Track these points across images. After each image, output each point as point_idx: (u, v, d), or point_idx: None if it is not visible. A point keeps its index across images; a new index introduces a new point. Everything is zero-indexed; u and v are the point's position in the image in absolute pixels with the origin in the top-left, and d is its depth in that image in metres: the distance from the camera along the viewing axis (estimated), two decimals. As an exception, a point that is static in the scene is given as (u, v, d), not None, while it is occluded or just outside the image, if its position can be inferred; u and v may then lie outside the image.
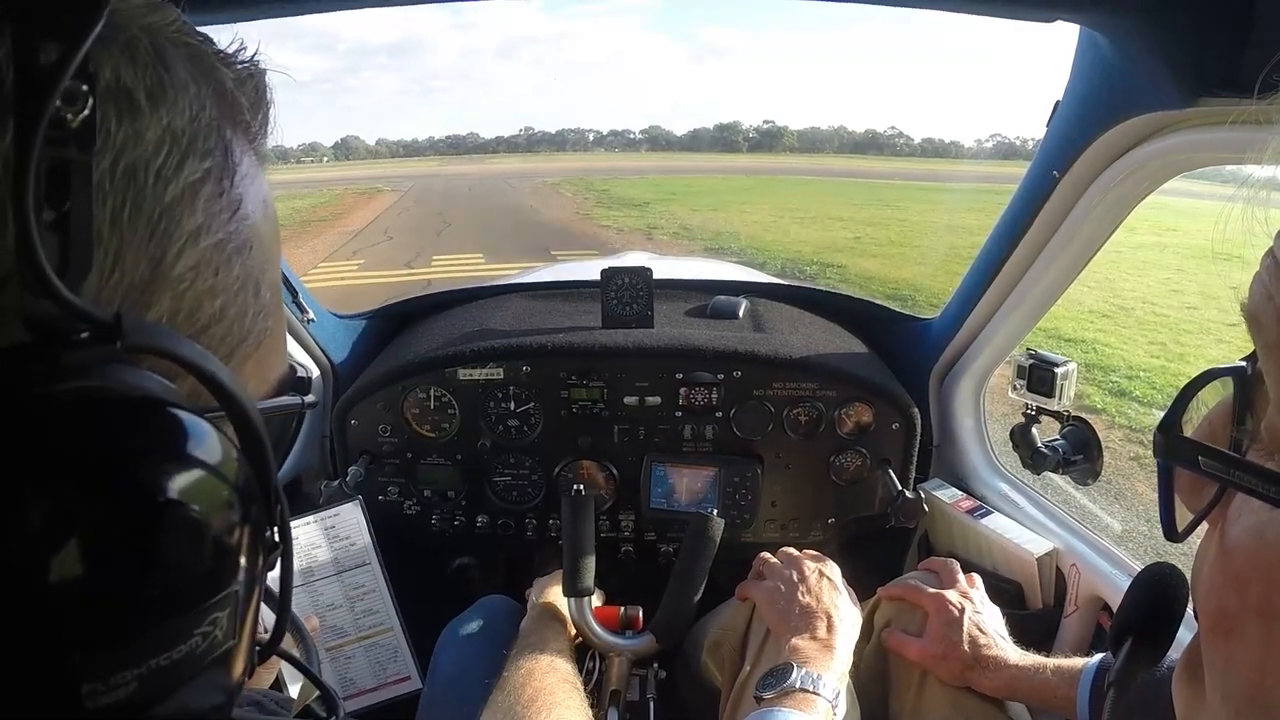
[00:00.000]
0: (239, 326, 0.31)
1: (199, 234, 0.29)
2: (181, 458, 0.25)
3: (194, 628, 0.26)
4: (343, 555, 1.17)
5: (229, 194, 0.30)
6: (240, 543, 0.27)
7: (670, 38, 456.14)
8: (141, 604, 0.24)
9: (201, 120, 0.29)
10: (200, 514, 0.25)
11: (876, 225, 14.72)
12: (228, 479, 0.27)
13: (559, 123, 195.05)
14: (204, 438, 0.26)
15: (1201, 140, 0.81)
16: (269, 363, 0.35)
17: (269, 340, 0.34)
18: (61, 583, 0.22)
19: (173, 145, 0.28)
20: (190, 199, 0.28)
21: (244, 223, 0.31)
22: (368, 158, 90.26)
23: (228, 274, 0.30)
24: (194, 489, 0.25)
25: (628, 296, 1.43)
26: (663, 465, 1.38)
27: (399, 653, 1.15)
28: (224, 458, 0.27)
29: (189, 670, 0.26)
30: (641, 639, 1.07)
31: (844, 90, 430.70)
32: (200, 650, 0.26)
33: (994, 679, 0.92)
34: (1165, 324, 7.09)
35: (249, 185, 0.32)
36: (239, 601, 0.28)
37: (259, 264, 0.32)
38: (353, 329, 1.58)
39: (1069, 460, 1.18)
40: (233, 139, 0.31)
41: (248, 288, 0.31)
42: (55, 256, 0.23)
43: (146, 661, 0.25)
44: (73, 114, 0.23)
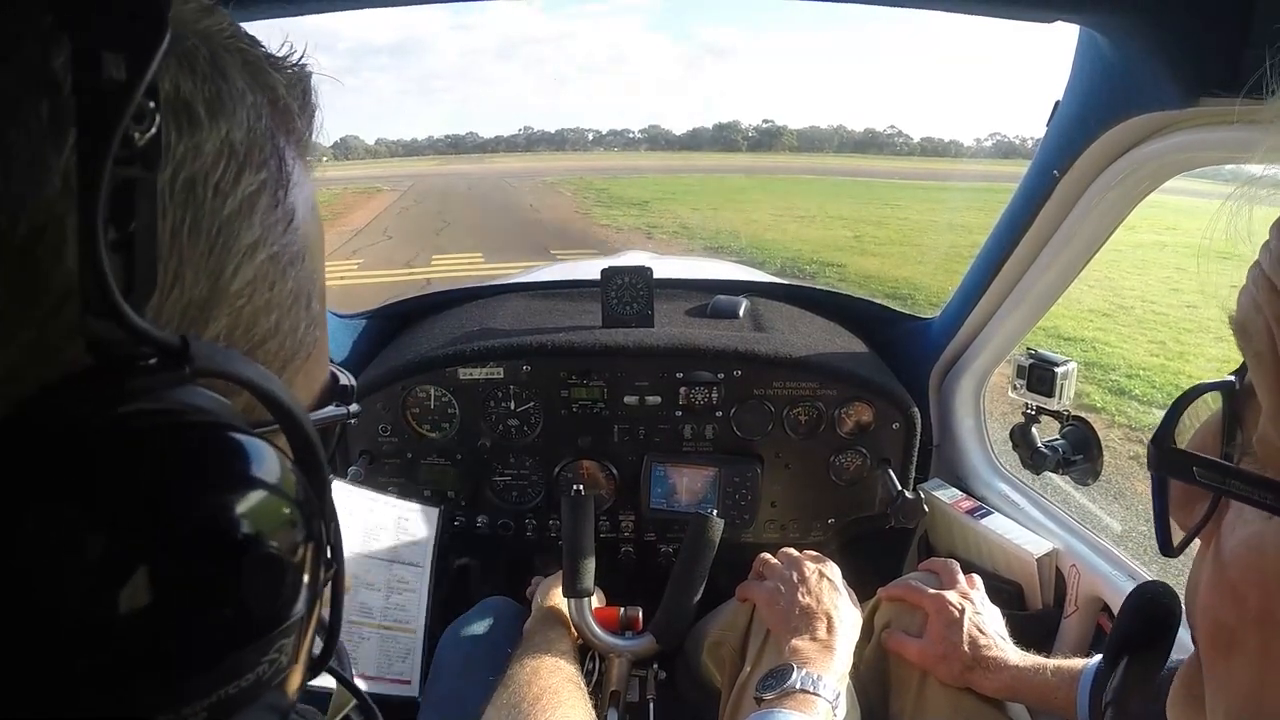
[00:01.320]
0: (292, 340, 0.31)
1: (256, 248, 0.28)
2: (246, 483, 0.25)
3: (262, 656, 0.26)
4: (402, 548, 1.18)
5: (283, 205, 0.29)
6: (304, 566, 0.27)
7: (670, 37, 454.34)
8: (215, 635, 0.24)
9: (257, 130, 0.28)
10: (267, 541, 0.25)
11: (876, 224, 14.72)
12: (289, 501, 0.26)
13: (558, 122, 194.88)
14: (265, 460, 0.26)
15: (1201, 140, 0.80)
16: (316, 373, 0.35)
17: (317, 352, 0.34)
18: (132, 615, 0.22)
19: (230, 157, 0.27)
20: (248, 212, 0.28)
21: (297, 233, 0.30)
22: (367, 157, 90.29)
23: (283, 288, 0.30)
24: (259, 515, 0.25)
25: (628, 296, 1.43)
26: (663, 465, 1.38)
27: (411, 656, 1.15)
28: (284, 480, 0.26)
29: (254, 695, 0.26)
30: (641, 640, 1.07)
31: (843, 89, 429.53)
32: (266, 677, 0.26)
33: (994, 680, 0.92)
34: (1165, 322, 7.09)
35: (300, 193, 0.31)
36: (303, 627, 0.27)
37: (310, 274, 0.32)
38: (353, 328, 1.58)
39: (1069, 460, 1.18)
40: (285, 147, 0.30)
41: (300, 300, 0.31)
42: (120, 277, 0.22)
43: (217, 691, 0.24)
44: (140, 132, 0.22)
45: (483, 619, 1.17)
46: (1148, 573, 1.10)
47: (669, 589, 1.06)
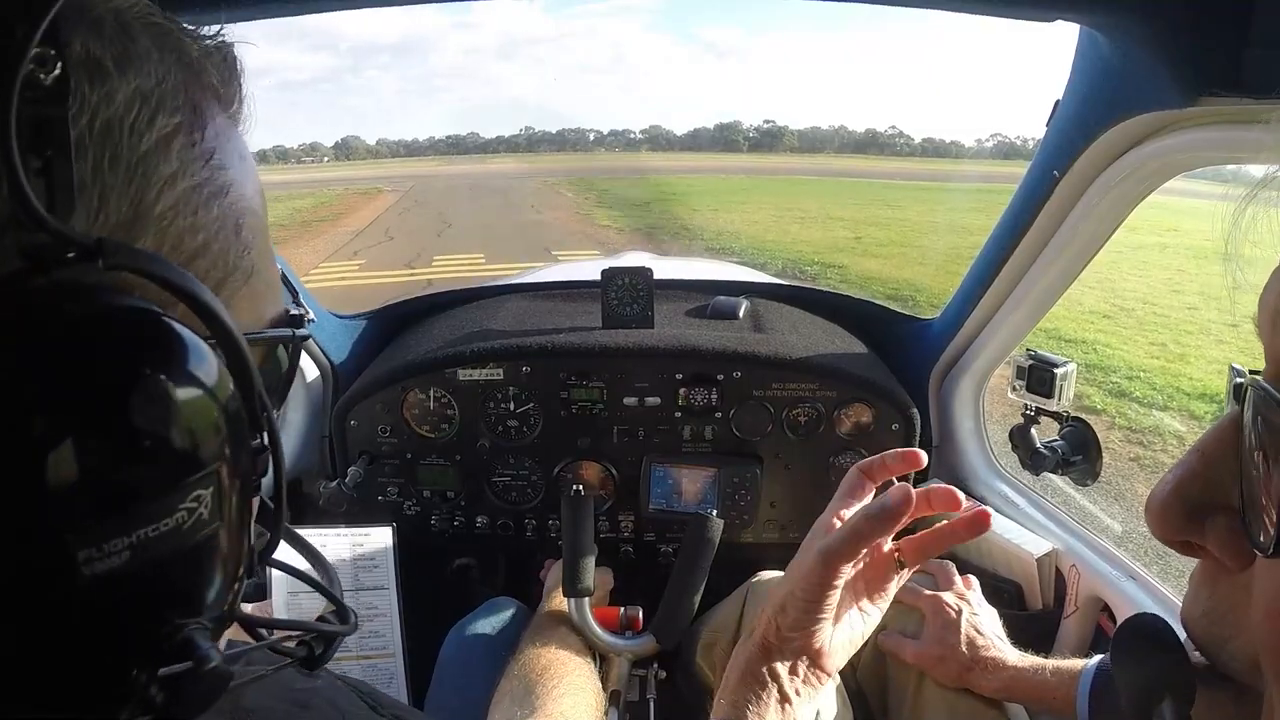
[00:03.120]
0: (223, 260, 0.35)
1: (175, 178, 0.32)
2: (160, 350, 0.29)
3: (177, 503, 0.29)
4: (364, 574, 1.18)
5: (201, 145, 0.34)
6: (217, 429, 0.31)
7: (671, 38, 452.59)
8: (124, 476, 0.28)
9: (168, 83, 0.33)
10: (174, 397, 0.29)
11: (877, 225, 14.71)
12: (204, 375, 0.30)
13: (560, 123, 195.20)
14: (183, 339, 0.30)
15: (1201, 140, 0.80)
16: (262, 298, 0.39)
17: (258, 277, 0.38)
18: (53, 460, 0.26)
19: (143, 104, 0.31)
20: (164, 149, 0.32)
21: (219, 170, 0.35)
22: (368, 157, 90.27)
23: (206, 214, 0.34)
24: (170, 377, 0.29)
25: (628, 297, 1.43)
26: (662, 466, 1.38)
27: (394, 679, 1.15)
28: (202, 357, 0.30)
29: (177, 544, 0.29)
30: (641, 639, 1.07)
31: (844, 90, 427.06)
32: (186, 526, 0.29)
33: (992, 680, 0.92)
34: (1165, 324, 7.08)
35: (222, 141, 0.36)
36: (222, 485, 0.31)
37: (238, 208, 0.36)
38: (353, 329, 1.58)
39: (1068, 461, 1.18)
40: (201, 99, 0.35)
41: (227, 226, 0.35)
42: (43, 198, 0.27)
43: (135, 531, 0.28)
44: (45, 74, 0.28)
45: (488, 619, 1.17)
46: (1148, 573, 1.10)
47: (669, 589, 1.06)
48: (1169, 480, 0.34)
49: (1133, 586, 1.08)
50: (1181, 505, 0.34)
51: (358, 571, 1.18)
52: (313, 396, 1.47)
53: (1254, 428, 0.31)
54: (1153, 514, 0.35)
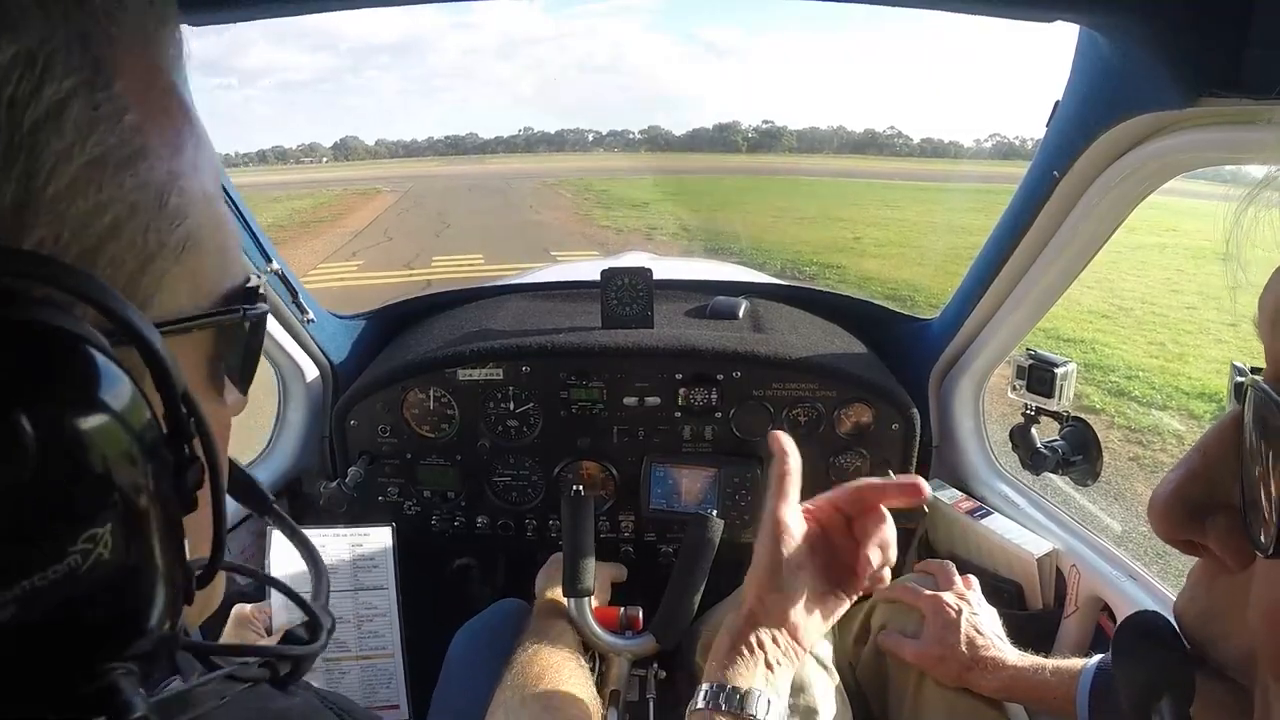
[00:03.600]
0: (142, 239, 0.30)
1: (70, 152, 0.28)
2: (22, 367, 0.25)
3: (66, 545, 0.25)
4: (363, 574, 1.18)
5: (107, 106, 0.29)
6: (117, 452, 0.27)
7: (670, 38, 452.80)
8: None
9: (57, 38, 0.28)
10: (50, 424, 0.25)
11: (876, 225, 14.72)
12: (95, 389, 0.26)
13: (559, 123, 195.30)
14: (60, 350, 0.26)
15: (1201, 140, 0.81)
16: (208, 272, 0.35)
17: (198, 249, 0.33)
18: None
19: (25, 69, 0.27)
20: (55, 119, 0.27)
21: (134, 133, 0.30)
22: (367, 158, 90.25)
23: (115, 188, 0.29)
24: (41, 398, 0.25)
25: (628, 297, 1.43)
26: (662, 466, 1.38)
27: (394, 680, 1.15)
28: (91, 368, 0.26)
29: (77, 590, 0.26)
30: (641, 639, 1.07)
31: (843, 90, 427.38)
32: (84, 569, 0.26)
33: (992, 680, 0.92)
34: (1164, 324, 7.09)
35: (141, 94, 0.31)
36: (126, 519, 0.27)
37: (159, 175, 0.31)
38: (352, 329, 1.58)
39: (1068, 461, 1.18)
40: (106, 50, 0.30)
41: (147, 198, 0.30)
42: None
43: (17, 583, 0.24)
44: None
45: (496, 621, 1.17)
46: (1148, 573, 1.10)
47: (669, 589, 1.06)
48: (1171, 479, 0.35)
49: (1133, 586, 1.08)
50: (1183, 504, 0.34)
51: (357, 572, 1.18)
52: (313, 396, 1.47)
53: (1254, 428, 0.31)
54: (1155, 513, 0.35)
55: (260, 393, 1.82)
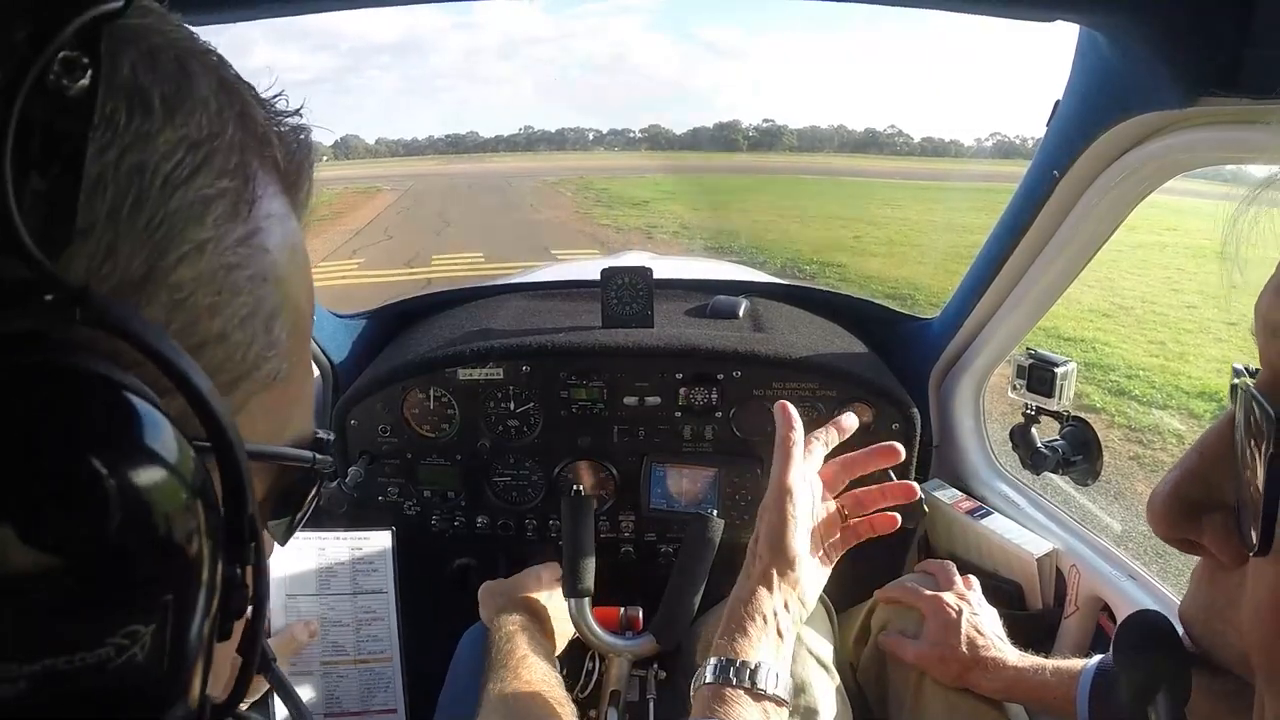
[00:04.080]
0: (241, 355, 0.30)
1: (204, 248, 0.28)
2: (114, 440, 0.24)
3: (104, 635, 0.24)
4: (362, 578, 1.18)
5: (246, 220, 0.29)
6: (180, 549, 0.25)
7: (671, 37, 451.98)
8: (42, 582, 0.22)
9: (222, 140, 0.29)
10: (127, 494, 0.23)
11: (876, 224, 14.72)
12: (174, 478, 0.25)
13: (559, 122, 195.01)
14: (151, 428, 0.24)
15: (1201, 140, 0.80)
16: (285, 411, 0.34)
17: (282, 385, 0.33)
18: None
19: (187, 154, 0.27)
20: (200, 211, 0.28)
21: (261, 254, 0.30)
22: (367, 157, 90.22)
23: (233, 297, 0.29)
24: (124, 467, 0.23)
25: (628, 296, 1.43)
26: (662, 466, 1.38)
27: (392, 685, 1.15)
28: (177, 454, 0.25)
29: (93, 683, 0.24)
30: (641, 640, 1.07)
31: (844, 89, 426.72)
32: (112, 665, 0.24)
33: (992, 680, 0.92)
34: (1165, 323, 7.09)
35: (273, 223, 0.31)
36: (172, 625, 0.25)
37: (275, 301, 0.31)
38: (352, 329, 1.58)
39: (1069, 460, 1.18)
40: (258, 171, 0.30)
41: (257, 319, 0.30)
42: (37, 225, 0.23)
43: (41, 660, 0.22)
44: (70, 81, 0.23)
45: None
46: (1148, 572, 1.10)
47: (669, 589, 1.06)
48: (1169, 479, 0.35)
49: (1133, 586, 1.08)
50: (1180, 503, 0.34)
51: (356, 575, 1.17)
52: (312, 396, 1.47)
53: (1242, 429, 0.32)
54: (1153, 512, 0.35)
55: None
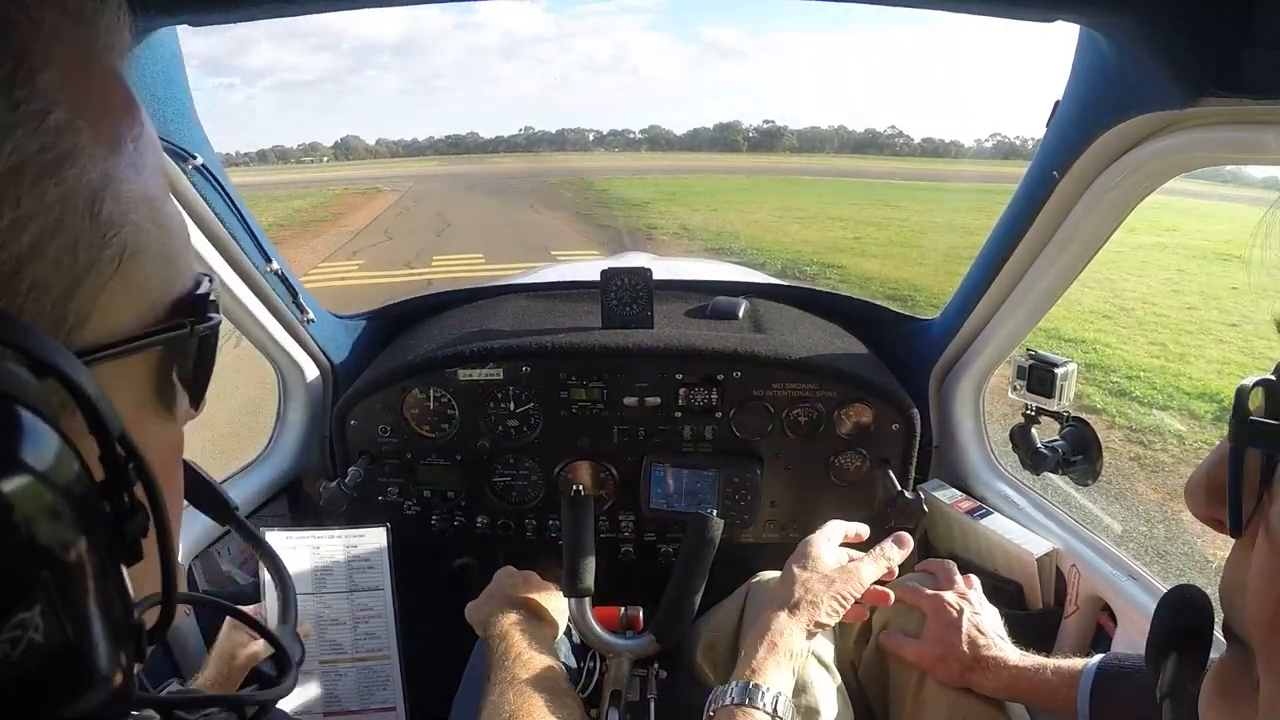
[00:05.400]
0: (70, 257, 0.27)
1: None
2: None
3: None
4: (359, 575, 1.18)
5: (27, 106, 0.26)
6: (41, 521, 0.24)
7: (672, 38, 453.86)
8: None
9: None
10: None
11: (876, 225, 14.71)
12: (7, 455, 0.23)
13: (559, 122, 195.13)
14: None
15: (1201, 140, 0.81)
16: (149, 285, 0.31)
17: (139, 257, 0.30)
18: None
19: None
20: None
21: (60, 134, 0.26)
22: (368, 157, 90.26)
23: (37, 200, 0.26)
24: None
25: (628, 297, 1.43)
26: (662, 466, 1.38)
27: (390, 682, 1.15)
28: (6, 427, 0.23)
29: (6, 678, 0.23)
30: (641, 639, 1.07)
31: (844, 90, 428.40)
32: (14, 657, 0.23)
33: (993, 680, 0.92)
34: (1165, 324, 7.09)
35: (71, 90, 0.27)
36: (59, 594, 0.24)
37: (93, 177, 0.28)
38: (352, 329, 1.58)
39: (1069, 461, 1.18)
40: (33, 41, 0.26)
41: (74, 209, 0.27)
42: None
43: None
44: None
45: None
46: (1148, 573, 1.10)
47: (669, 589, 1.06)
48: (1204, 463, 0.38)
49: (1133, 586, 1.08)
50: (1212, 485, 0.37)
51: (352, 573, 1.17)
52: (313, 396, 1.47)
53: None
54: (1188, 491, 0.38)
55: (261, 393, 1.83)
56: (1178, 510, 3.56)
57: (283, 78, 54.31)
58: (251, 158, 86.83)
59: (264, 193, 25.42)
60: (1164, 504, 3.65)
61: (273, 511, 1.43)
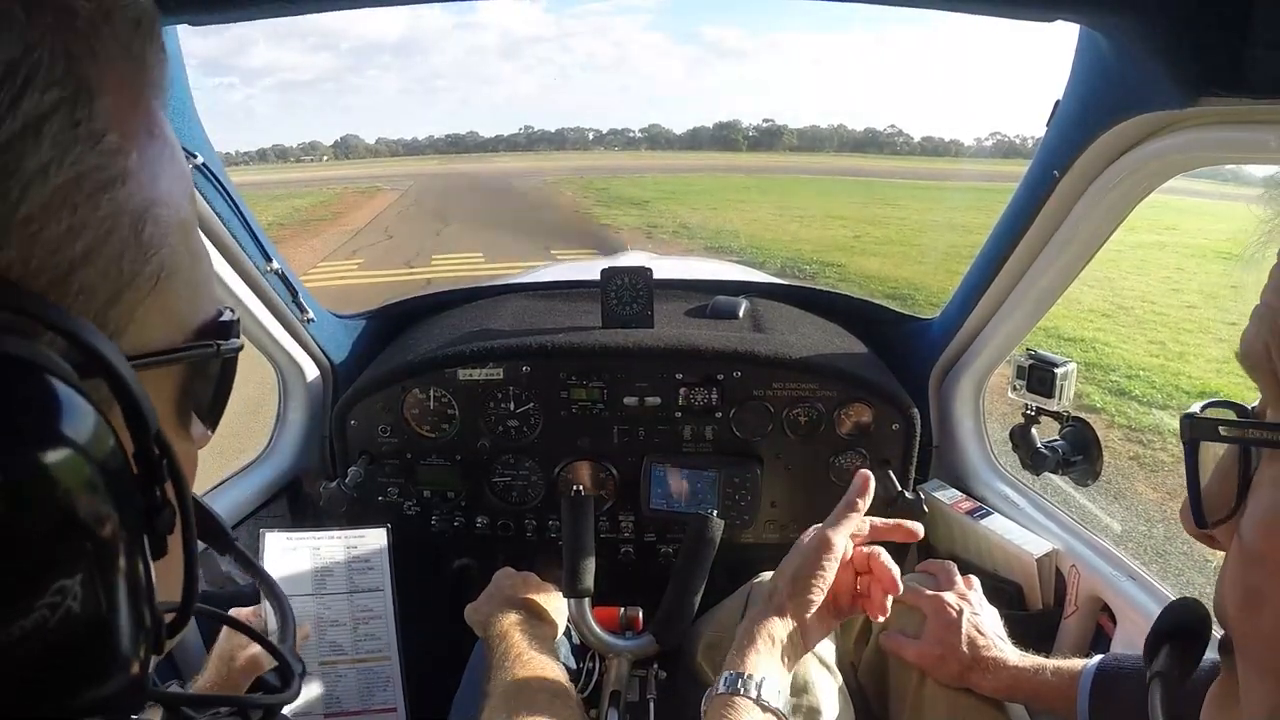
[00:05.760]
0: (116, 268, 0.29)
1: (47, 171, 0.27)
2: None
3: (34, 600, 0.24)
4: (359, 576, 1.17)
5: (87, 126, 0.28)
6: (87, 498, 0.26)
7: (672, 37, 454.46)
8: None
9: (42, 51, 0.27)
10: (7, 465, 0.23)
11: (876, 224, 14.71)
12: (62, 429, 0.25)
13: (559, 121, 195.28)
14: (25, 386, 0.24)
15: (1201, 140, 0.81)
16: (181, 305, 0.33)
17: (173, 279, 0.32)
18: None
19: (6, 80, 0.26)
20: (33, 136, 0.26)
21: (113, 156, 0.29)
22: (367, 156, 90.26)
23: (91, 212, 0.28)
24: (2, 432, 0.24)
25: (628, 296, 1.43)
26: (662, 466, 1.38)
27: (391, 683, 1.15)
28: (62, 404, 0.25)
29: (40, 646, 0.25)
30: (641, 640, 1.07)
31: (844, 89, 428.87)
32: (51, 623, 0.25)
33: (993, 680, 0.92)
34: (1165, 323, 7.09)
35: (122, 119, 0.29)
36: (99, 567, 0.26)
37: (138, 202, 0.30)
38: (352, 329, 1.58)
39: (1068, 461, 1.18)
40: (90, 70, 0.28)
41: (122, 225, 0.29)
42: None
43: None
44: None
45: None
46: (1148, 573, 1.10)
47: (669, 589, 1.06)
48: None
49: (1133, 586, 1.08)
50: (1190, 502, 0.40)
51: (352, 574, 1.17)
52: (313, 396, 1.47)
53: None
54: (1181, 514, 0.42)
55: (261, 393, 1.81)
56: (1177, 510, 3.56)
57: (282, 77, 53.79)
58: (251, 157, 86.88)
59: (264, 192, 25.42)
60: (1163, 503, 3.65)
61: (273, 512, 1.43)
